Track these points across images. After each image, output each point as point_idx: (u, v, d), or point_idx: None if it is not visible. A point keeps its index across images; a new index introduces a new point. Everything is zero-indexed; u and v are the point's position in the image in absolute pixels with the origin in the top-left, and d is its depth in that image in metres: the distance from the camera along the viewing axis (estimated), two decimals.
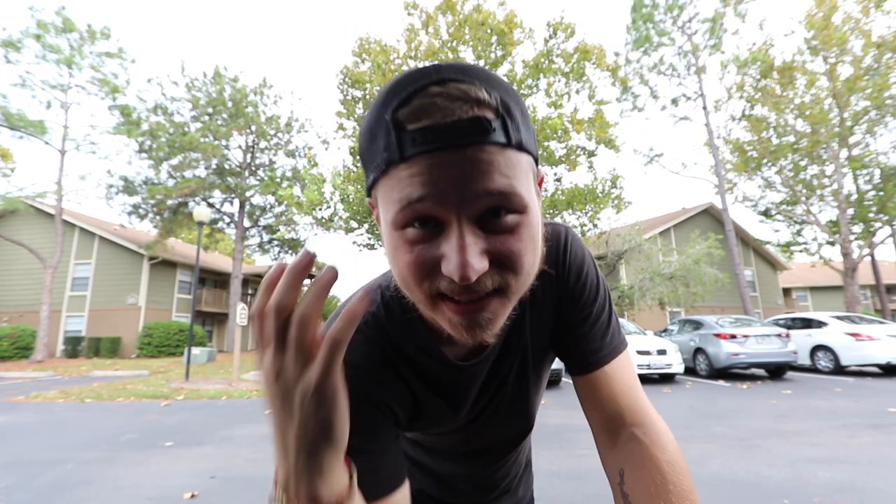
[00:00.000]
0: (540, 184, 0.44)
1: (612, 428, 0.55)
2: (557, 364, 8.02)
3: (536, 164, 0.42)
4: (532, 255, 0.39)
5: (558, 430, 4.58)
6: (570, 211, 14.02)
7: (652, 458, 0.49)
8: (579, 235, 0.58)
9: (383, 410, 0.51)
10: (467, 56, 13.88)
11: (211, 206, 19.76)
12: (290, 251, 21.75)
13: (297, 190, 16.32)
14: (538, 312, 0.57)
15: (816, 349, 9.51)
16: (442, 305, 0.38)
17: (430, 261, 0.37)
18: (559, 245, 0.57)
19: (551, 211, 13.84)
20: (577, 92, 14.04)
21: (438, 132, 0.34)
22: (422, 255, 0.37)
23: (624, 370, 0.57)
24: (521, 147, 0.37)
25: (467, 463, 0.69)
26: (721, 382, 8.40)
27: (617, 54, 15.52)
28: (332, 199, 12.87)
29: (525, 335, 0.58)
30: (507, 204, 0.36)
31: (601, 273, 0.60)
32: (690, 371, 9.55)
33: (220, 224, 21.30)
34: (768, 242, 20.37)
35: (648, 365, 8.27)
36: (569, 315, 0.58)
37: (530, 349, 0.59)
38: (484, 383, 0.58)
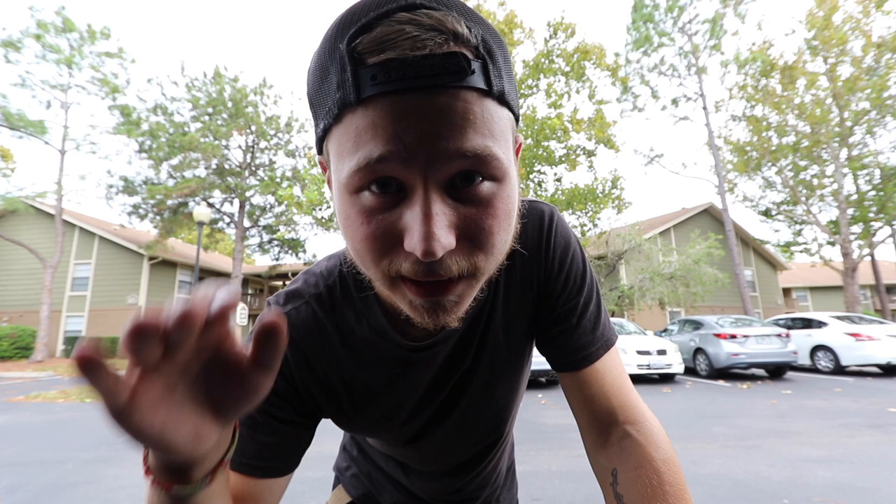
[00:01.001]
0: (518, 151, 0.38)
1: (604, 426, 0.51)
2: None
3: (517, 124, 0.36)
4: (505, 233, 0.34)
5: (558, 430, 4.58)
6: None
7: (647, 458, 0.46)
8: (563, 218, 0.56)
9: (301, 392, 0.49)
10: None
11: (211, 206, 19.74)
12: (289, 251, 21.76)
13: (297, 190, 16.32)
14: (514, 297, 0.53)
15: (816, 349, 9.51)
16: (402, 286, 0.34)
17: (391, 235, 0.31)
18: (542, 226, 0.52)
19: None
20: (577, 92, 14.05)
21: (405, 68, 0.27)
22: (381, 227, 0.31)
23: (615, 364, 0.53)
24: (502, 99, 0.32)
25: (442, 476, 0.64)
26: (721, 382, 8.40)
27: (617, 55, 15.53)
28: (332, 198, 12.85)
29: (496, 321, 0.53)
30: (482, 169, 0.31)
31: (588, 260, 0.55)
32: (690, 371, 9.54)
33: (220, 224, 21.29)
34: (768, 242, 20.38)
35: (648, 365, 8.27)
36: (553, 306, 0.53)
37: (503, 338, 0.54)
38: (443, 373, 0.53)
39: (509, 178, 0.33)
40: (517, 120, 0.36)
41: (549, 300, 0.53)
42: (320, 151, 0.36)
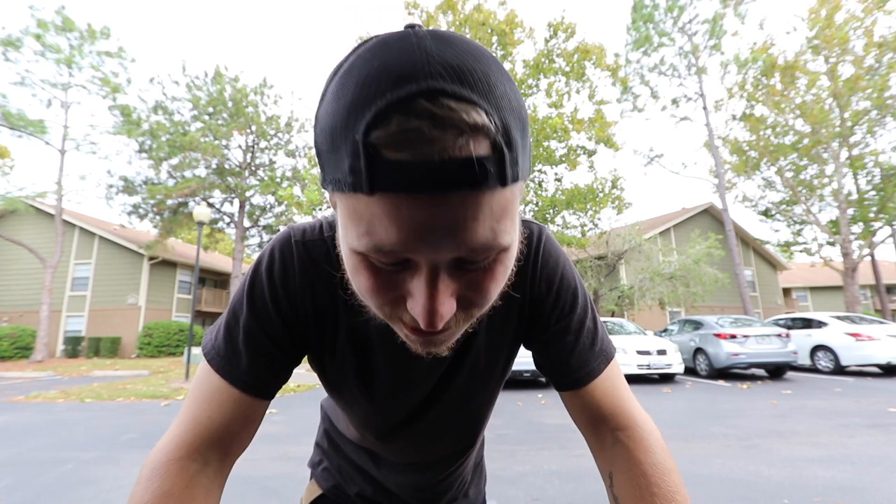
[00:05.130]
0: (521, 200, 0.41)
1: (599, 432, 0.54)
2: None
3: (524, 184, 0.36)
4: (501, 285, 0.36)
5: (558, 429, 4.58)
6: (571, 211, 14.03)
7: (636, 461, 0.49)
8: (552, 236, 0.57)
9: (300, 318, 0.51)
10: None
11: (211, 206, 19.74)
12: None
13: (297, 190, 16.33)
14: (498, 316, 0.54)
15: (816, 349, 9.51)
16: (401, 325, 0.36)
17: (396, 291, 0.34)
18: (530, 247, 0.53)
19: (551, 211, 13.86)
20: (578, 92, 14.06)
21: (421, 173, 0.27)
22: (386, 285, 0.33)
23: (613, 375, 0.55)
24: (516, 180, 0.31)
25: (412, 471, 0.68)
26: (721, 382, 8.40)
27: (617, 55, 15.52)
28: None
29: (479, 337, 0.55)
30: (487, 255, 0.32)
31: (578, 278, 0.56)
32: (690, 371, 9.54)
33: (220, 224, 21.29)
34: (768, 242, 20.38)
35: (648, 365, 8.27)
36: (545, 326, 0.55)
37: (484, 354, 0.57)
38: (420, 374, 0.56)
39: (512, 247, 0.34)
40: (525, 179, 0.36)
41: (541, 320, 0.55)
42: (324, 186, 0.35)
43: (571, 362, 0.54)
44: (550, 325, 0.55)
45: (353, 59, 0.30)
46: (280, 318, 0.49)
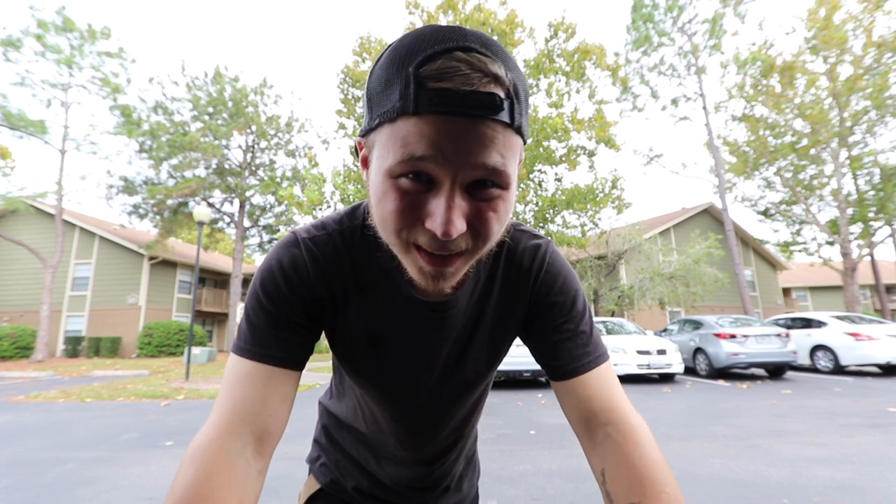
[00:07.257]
0: (520, 163, 0.49)
1: (590, 428, 0.56)
2: None
3: (524, 145, 0.46)
4: (500, 226, 0.44)
5: (558, 429, 4.58)
6: (571, 211, 14.01)
7: (625, 455, 0.50)
8: (558, 251, 0.66)
9: (316, 301, 0.56)
10: None
11: (211, 205, 19.73)
12: None
13: (297, 190, 16.32)
14: (504, 307, 0.62)
15: (816, 349, 9.51)
16: (416, 253, 0.43)
17: (415, 213, 0.41)
18: (537, 255, 0.62)
19: (551, 211, 13.84)
20: (578, 91, 14.05)
21: (456, 98, 0.36)
22: (410, 205, 0.40)
23: (604, 375, 0.58)
24: (519, 131, 0.41)
25: (408, 466, 0.72)
26: (721, 382, 8.40)
27: (617, 54, 15.52)
28: (332, 198, 12.87)
29: (485, 321, 0.62)
30: (496, 179, 0.40)
31: (579, 288, 0.63)
32: (690, 371, 9.55)
33: (220, 224, 21.28)
34: (768, 242, 20.39)
35: (648, 365, 8.27)
36: (543, 324, 0.61)
37: (488, 337, 0.63)
38: (434, 342, 0.61)
39: (512, 188, 0.43)
40: (524, 143, 0.45)
41: (541, 318, 0.61)
42: (364, 136, 0.45)
43: (563, 356, 0.59)
44: (546, 324, 0.61)
45: (406, 34, 0.40)
46: (296, 299, 0.54)
